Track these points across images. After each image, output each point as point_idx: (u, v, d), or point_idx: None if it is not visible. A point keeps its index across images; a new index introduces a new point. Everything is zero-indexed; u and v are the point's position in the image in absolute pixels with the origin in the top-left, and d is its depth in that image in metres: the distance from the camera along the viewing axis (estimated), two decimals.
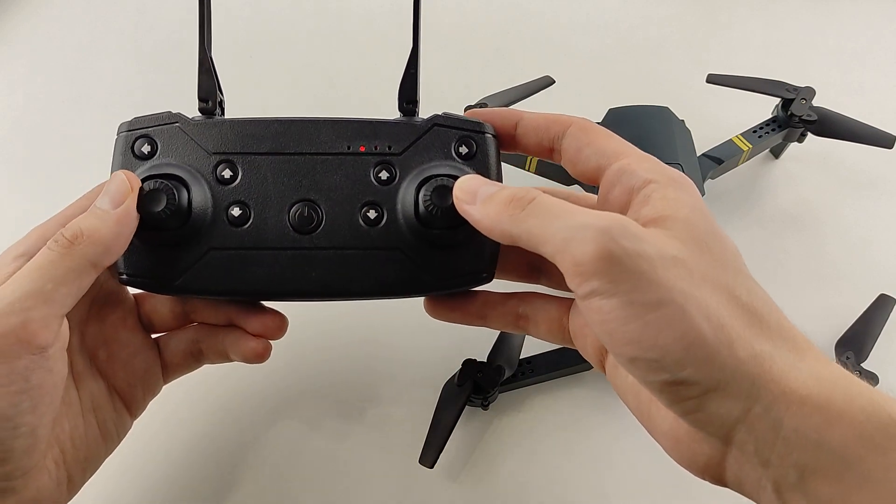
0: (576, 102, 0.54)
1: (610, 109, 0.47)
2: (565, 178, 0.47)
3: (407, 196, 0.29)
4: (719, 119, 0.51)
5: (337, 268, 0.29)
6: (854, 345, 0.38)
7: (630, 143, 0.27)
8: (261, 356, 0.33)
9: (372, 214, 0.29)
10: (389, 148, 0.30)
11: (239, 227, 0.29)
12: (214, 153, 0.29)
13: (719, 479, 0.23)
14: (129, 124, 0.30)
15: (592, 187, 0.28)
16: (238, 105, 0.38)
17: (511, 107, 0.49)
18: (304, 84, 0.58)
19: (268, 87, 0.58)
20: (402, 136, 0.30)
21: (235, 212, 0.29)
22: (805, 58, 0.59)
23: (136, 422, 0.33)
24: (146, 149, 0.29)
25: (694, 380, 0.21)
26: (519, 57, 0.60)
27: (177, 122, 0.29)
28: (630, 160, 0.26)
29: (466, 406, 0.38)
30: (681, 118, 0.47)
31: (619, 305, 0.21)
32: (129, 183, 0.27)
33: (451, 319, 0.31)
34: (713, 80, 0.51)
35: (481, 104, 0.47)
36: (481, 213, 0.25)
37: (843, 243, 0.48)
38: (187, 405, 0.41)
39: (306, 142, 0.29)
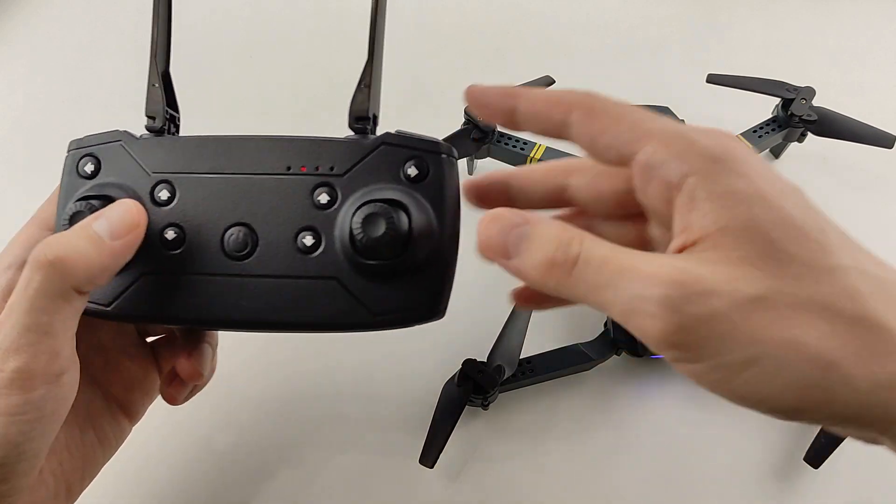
0: None
1: None
2: None
3: (345, 222, 0.26)
4: (719, 119, 0.51)
5: (269, 297, 0.27)
6: None
7: (648, 115, 0.22)
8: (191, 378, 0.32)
9: (309, 241, 0.27)
10: (332, 169, 0.27)
11: (172, 251, 0.28)
12: (154, 173, 0.28)
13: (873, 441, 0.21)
14: (79, 142, 0.29)
15: None
16: (239, 106, 0.39)
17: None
18: (304, 84, 0.58)
19: (268, 87, 0.58)
20: (347, 155, 0.27)
21: (170, 235, 0.27)
22: (805, 58, 0.59)
23: (135, 428, 0.33)
24: (89, 168, 0.28)
25: (817, 419, 0.19)
26: (519, 57, 0.60)
27: (120, 141, 0.28)
28: (654, 147, 0.21)
29: (466, 406, 0.38)
30: (681, 118, 0.47)
31: (709, 370, 0.19)
32: (136, 216, 0.26)
33: (548, 307, 0.28)
34: (713, 80, 0.51)
35: None
36: (521, 274, 0.22)
37: None
38: (183, 408, 0.40)
39: (247, 161, 0.28)
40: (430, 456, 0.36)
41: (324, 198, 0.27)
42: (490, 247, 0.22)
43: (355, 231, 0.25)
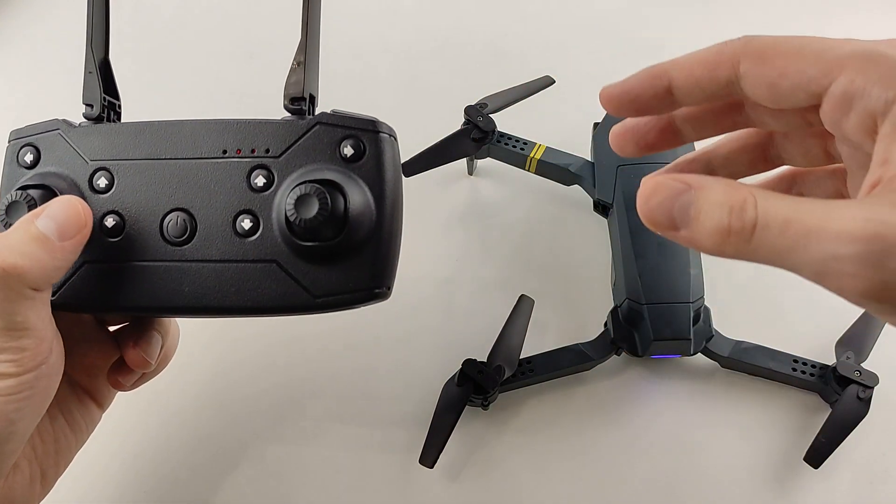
0: (576, 102, 0.54)
1: None
2: (566, 178, 0.47)
3: (281, 204, 0.26)
4: None
5: (210, 282, 0.27)
6: (854, 345, 0.38)
7: (831, 41, 0.20)
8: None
9: (247, 224, 0.27)
10: (267, 151, 0.27)
11: (113, 238, 0.28)
12: (92, 160, 0.28)
13: None
14: (18, 132, 0.29)
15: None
16: (241, 107, 0.38)
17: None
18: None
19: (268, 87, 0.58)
20: (283, 137, 0.27)
21: (109, 222, 0.28)
22: None
23: (134, 422, 0.33)
24: (29, 158, 0.28)
25: None
26: (519, 57, 0.60)
27: (58, 129, 0.29)
28: (851, 75, 0.19)
29: (466, 406, 0.38)
30: None
31: None
32: (82, 216, 0.26)
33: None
34: None
35: (481, 104, 0.47)
36: (694, 244, 0.20)
37: None
38: (184, 404, 0.41)
39: (184, 146, 0.28)
40: (429, 456, 0.36)
41: (260, 180, 0.27)
42: (654, 221, 0.20)
43: (289, 213, 0.25)
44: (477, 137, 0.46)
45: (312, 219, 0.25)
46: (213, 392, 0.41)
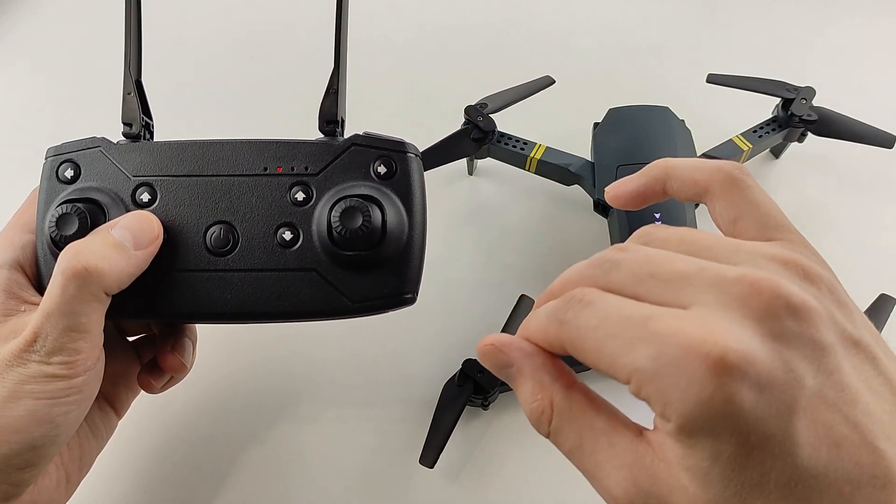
0: (576, 102, 0.54)
1: (610, 109, 0.47)
2: (566, 178, 0.47)
3: (322, 217, 0.29)
4: (719, 119, 0.51)
5: (252, 290, 0.29)
6: None
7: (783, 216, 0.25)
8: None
9: (288, 236, 0.29)
10: (306, 168, 0.29)
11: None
12: (135, 176, 0.30)
13: None
14: (56, 149, 0.30)
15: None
16: (239, 109, 0.38)
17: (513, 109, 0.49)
18: (306, 94, 0.58)
19: (269, 90, 0.58)
20: (320, 156, 0.30)
21: None
22: (805, 58, 0.59)
23: (138, 422, 0.34)
24: (69, 173, 0.30)
25: None
26: (519, 57, 0.60)
27: (99, 147, 0.30)
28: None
29: (466, 406, 0.38)
30: (681, 118, 0.47)
31: None
32: (155, 228, 0.28)
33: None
34: (713, 80, 0.50)
35: (481, 104, 0.47)
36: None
37: (843, 243, 0.48)
38: (186, 405, 0.41)
39: (225, 163, 0.29)
40: (430, 456, 0.36)
41: (300, 195, 0.29)
42: (488, 363, 0.23)
43: (334, 224, 0.27)
44: (477, 137, 0.46)
45: (357, 229, 0.27)
46: (212, 393, 0.41)
